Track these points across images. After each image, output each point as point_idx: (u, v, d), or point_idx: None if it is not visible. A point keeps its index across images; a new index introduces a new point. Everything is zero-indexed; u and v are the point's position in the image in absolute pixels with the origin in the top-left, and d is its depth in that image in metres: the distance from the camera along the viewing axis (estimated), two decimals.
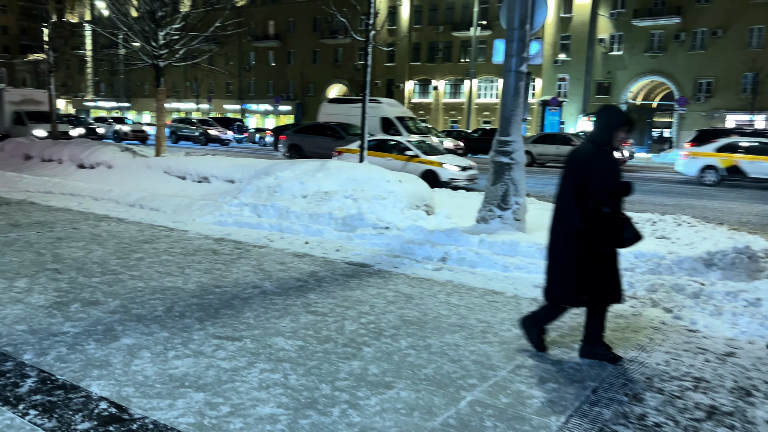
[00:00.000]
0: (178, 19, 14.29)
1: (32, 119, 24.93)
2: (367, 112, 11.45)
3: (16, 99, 26.06)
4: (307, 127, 22.96)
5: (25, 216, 9.00)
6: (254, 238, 7.96)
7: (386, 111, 22.67)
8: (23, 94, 26.79)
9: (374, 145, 15.29)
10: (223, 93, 64.04)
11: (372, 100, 23.70)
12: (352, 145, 15.73)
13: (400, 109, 24.35)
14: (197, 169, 11.83)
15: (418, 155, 14.91)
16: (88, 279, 5.63)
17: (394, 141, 15.96)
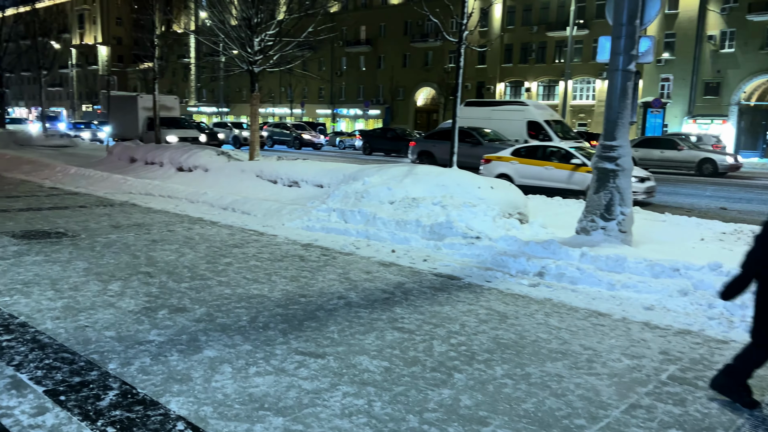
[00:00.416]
0: (273, 26, 14.56)
1: (164, 125, 24.81)
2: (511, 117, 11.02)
3: (149, 105, 26.04)
4: (439, 132, 21.07)
5: (125, 217, 9.36)
6: (341, 245, 7.80)
7: (533, 114, 20.72)
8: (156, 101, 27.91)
9: (526, 152, 14.11)
10: (316, 98, 65.61)
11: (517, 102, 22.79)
12: (504, 152, 14.66)
13: (547, 112, 22.06)
14: (288, 174, 11.92)
15: (585, 164, 12.66)
16: (177, 284, 5.65)
17: (555, 147, 14.13)
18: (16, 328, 4.23)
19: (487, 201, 8.74)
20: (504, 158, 14.35)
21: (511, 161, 14.22)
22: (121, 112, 27.40)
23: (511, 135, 20.07)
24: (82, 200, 11.13)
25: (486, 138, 19.11)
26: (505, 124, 20.66)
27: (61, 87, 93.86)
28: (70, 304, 4.87)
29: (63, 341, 4.03)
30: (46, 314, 4.57)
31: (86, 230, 8.19)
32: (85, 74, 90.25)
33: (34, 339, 4.04)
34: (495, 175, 14.04)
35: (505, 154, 14.62)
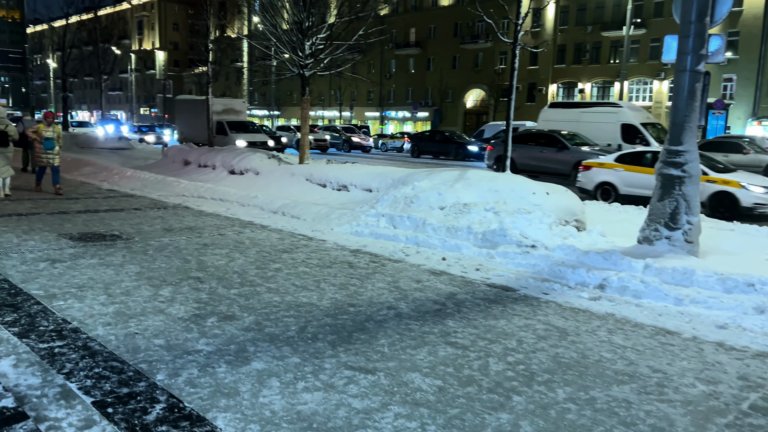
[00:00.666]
0: (324, 29, 14.57)
1: (233, 129, 24.73)
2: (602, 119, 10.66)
3: (218, 108, 25.64)
4: (520, 136, 19.54)
5: (178, 221, 9.46)
6: (390, 251, 7.64)
7: (628, 116, 19.23)
8: (225, 104, 26.53)
9: (631, 159, 13.05)
10: (364, 100, 65.88)
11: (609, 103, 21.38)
12: (606, 158, 13.64)
13: (643, 114, 20.54)
14: (337, 177, 11.86)
15: (705, 172, 11.15)
16: (227, 290, 5.60)
17: None
18: (68, 333, 4.24)
19: (543, 207, 8.42)
20: (607, 165, 13.23)
21: (616, 168, 13.08)
22: (189, 116, 26.94)
23: (602, 139, 18.70)
24: (137, 203, 11.36)
25: (572, 142, 17.62)
26: (595, 128, 19.15)
27: (121, 91, 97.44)
28: (122, 309, 4.87)
29: (113, 349, 4.00)
30: (97, 320, 4.58)
31: (140, 233, 8.31)
32: (143, 78, 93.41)
33: (86, 346, 4.03)
34: (596, 183, 13.31)
35: (607, 160, 13.49)
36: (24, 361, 3.73)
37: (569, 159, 16.85)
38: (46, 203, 10.75)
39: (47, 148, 11.97)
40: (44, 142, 11.93)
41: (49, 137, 11.96)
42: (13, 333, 4.20)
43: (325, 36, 14.51)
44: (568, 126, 19.37)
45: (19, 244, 7.20)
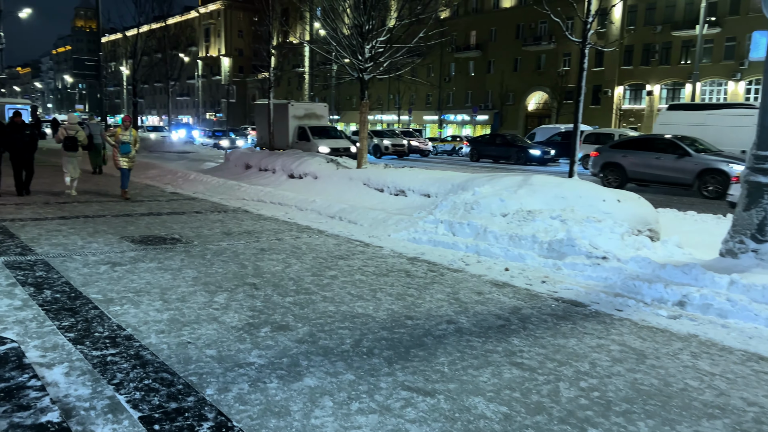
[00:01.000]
0: (384, 33, 14.41)
1: (315, 134, 23.41)
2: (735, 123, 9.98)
3: (299, 113, 24.70)
4: (632, 141, 17.96)
5: (237, 225, 9.48)
6: (449, 260, 7.34)
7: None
8: (306, 108, 25.14)
9: None
10: (423, 104, 65.60)
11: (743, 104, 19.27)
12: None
13: None
14: (395, 182, 11.65)
15: None
16: (282, 298, 5.46)
17: None
18: (122, 341, 4.18)
19: (614, 215, 7.92)
20: None
21: None
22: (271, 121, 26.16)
23: (734, 145, 16.65)
24: (199, 206, 11.50)
25: (694, 148, 15.97)
26: (726, 132, 17.30)
27: (188, 96, 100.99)
28: (176, 316, 4.80)
29: (164, 358, 3.90)
30: (151, 327, 4.51)
31: (199, 237, 8.34)
32: (209, 84, 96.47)
33: (138, 355, 3.94)
34: None
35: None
36: (76, 369, 3.67)
37: (692, 167, 15.29)
38: (113, 205, 11.03)
39: (123, 152, 11.94)
40: (121, 147, 11.93)
41: (126, 141, 11.95)
42: (69, 339, 4.17)
43: (385, 39, 14.35)
44: (692, 130, 17.46)
45: (83, 246, 7.33)
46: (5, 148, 11.67)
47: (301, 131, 23.86)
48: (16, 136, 11.62)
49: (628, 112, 49.72)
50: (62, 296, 5.19)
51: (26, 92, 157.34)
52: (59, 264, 6.33)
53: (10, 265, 6.20)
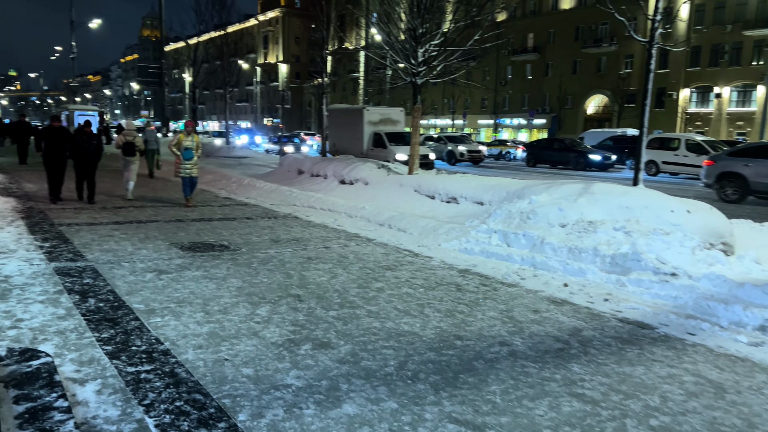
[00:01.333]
0: (438, 36, 14.11)
1: (392, 141, 21.72)
2: None
3: (375, 119, 23.00)
4: (757, 148, 15.87)
5: (285, 231, 9.37)
6: (503, 273, 6.96)
7: None
8: (382, 113, 23.54)
9: None
10: (478, 108, 64.74)
11: None
12: None
13: None
14: (446, 189, 11.31)
15: None
16: (325, 312, 5.24)
17: None
18: (158, 356, 4.04)
19: (684, 227, 7.34)
20: None
21: None
22: (342, 127, 24.21)
23: None
24: (250, 211, 11.49)
25: None
26: None
27: (247, 102, 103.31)
28: (216, 330, 4.64)
29: (199, 377, 3.73)
30: (190, 341, 4.36)
31: (247, 244, 8.25)
32: (267, 90, 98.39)
33: (172, 372, 3.79)
34: None
35: None
36: (108, 387, 3.53)
37: None
38: (166, 210, 11.15)
39: (186, 158, 11.61)
40: (184, 153, 11.61)
41: (189, 147, 11.62)
42: (106, 352, 4.06)
43: (439, 42, 14.05)
44: None
45: (132, 252, 7.35)
46: (71, 156, 11.72)
47: (376, 138, 22.37)
48: (82, 145, 11.62)
49: (695, 116, 47.50)
50: (105, 305, 5.13)
51: (96, 99, 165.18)
52: (107, 271, 6.33)
53: (60, 271, 6.23)
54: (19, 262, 6.54)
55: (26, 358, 3.50)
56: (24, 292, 5.40)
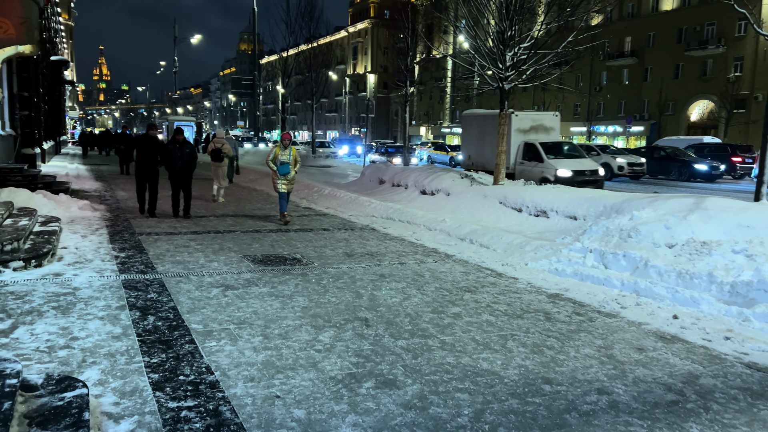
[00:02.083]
0: (528, 38, 13.30)
1: (549, 152, 18.00)
2: None
3: (525, 126, 19.36)
4: None
5: (361, 245, 8.94)
6: (600, 300, 6.13)
7: None
8: (534, 119, 19.91)
9: None
10: (571, 115, 62.19)
11: None
12: None
13: None
14: (535, 201, 10.48)
15: None
16: (393, 340, 4.70)
17: None
18: (205, 389, 3.66)
19: None
20: None
21: None
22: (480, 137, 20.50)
23: None
24: (328, 222, 11.19)
25: None
26: None
27: (336, 113, 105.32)
28: (272, 358, 4.22)
29: (244, 419, 3.29)
30: (242, 371, 3.96)
31: (321, 257, 7.88)
32: (355, 100, 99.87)
33: (216, 410, 3.38)
34: None
35: None
36: (144, 426, 3.17)
37: None
38: (244, 221, 11.06)
39: (282, 173, 10.66)
40: (279, 168, 10.62)
41: (285, 161, 10.66)
42: (151, 381, 3.72)
43: (529, 45, 13.24)
44: None
45: (203, 265, 7.16)
46: (165, 166, 11.04)
47: (528, 148, 18.33)
48: (175, 154, 10.81)
49: None
50: (163, 324, 4.86)
51: (197, 111, 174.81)
52: (173, 285, 6.12)
53: (127, 284, 6.09)
54: (92, 273, 6.49)
55: (61, 388, 3.20)
56: (87, 307, 5.25)
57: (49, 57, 29.99)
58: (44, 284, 5.92)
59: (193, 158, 11.05)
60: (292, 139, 11.07)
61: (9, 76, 17.17)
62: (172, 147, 10.90)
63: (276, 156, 10.71)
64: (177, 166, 10.82)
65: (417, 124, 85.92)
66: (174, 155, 10.81)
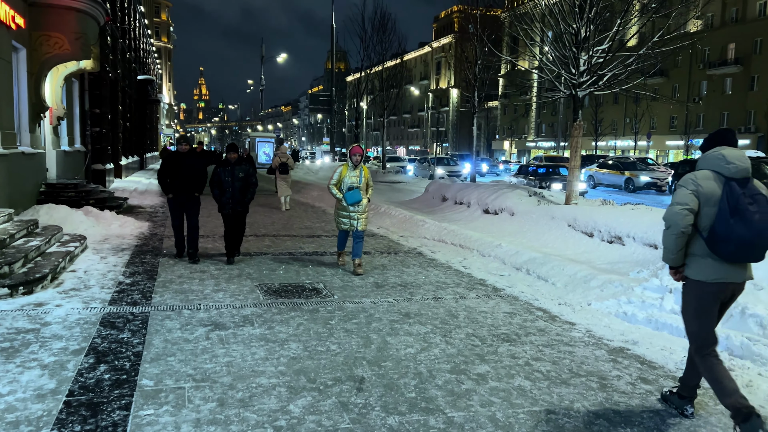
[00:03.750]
0: (607, 39, 11.78)
1: None
2: None
3: None
4: None
5: (398, 273, 7.84)
6: (677, 360, 4.71)
7: None
8: None
9: None
10: (666, 128, 58.01)
11: None
12: None
13: None
14: (609, 225, 8.97)
15: None
16: (385, 416, 3.59)
17: None
18: None
19: None
20: None
21: None
22: None
23: None
24: (372, 245, 10.17)
25: None
26: None
27: (418, 128, 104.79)
28: None
29: None
30: None
31: (345, 288, 6.88)
32: (437, 116, 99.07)
33: None
34: None
35: None
36: None
37: None
38: (283, 241, 10.26)
39: (350, 201, 7.60)
40: (347, 195, 7.58)
41: (354, 185, 7.64)
42: None
43: (607, 47, 11.70)
44: None
45: (206, 296, 6.33)
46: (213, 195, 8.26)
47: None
48: (225, 179, 8.06)
49: None
50: (110, 378, 4.00)
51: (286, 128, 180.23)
52: (157, 322, 5.31)
53: (107, 319, 5.34)
54: (78, 303, 5.81)
55: None
56: (40, 349, 4.50)
57: (133, 76, 31.22)
58: (15, 317, 5.27)
59: (247, 184, 8.22)
60: (363, 153, 7.92)
61: (81, 93, 17.56)
62: (221, 170, 8.11)
63: (341, 178, 7.73)
64: (226, 195, 8.10)
65: (500, 138, 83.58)
66: (223, 180, 8.07)
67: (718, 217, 3.37)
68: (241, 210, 8.31)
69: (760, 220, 3.28)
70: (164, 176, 8.21)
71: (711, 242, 3.42)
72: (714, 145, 3.65)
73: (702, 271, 3.51)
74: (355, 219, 7.76)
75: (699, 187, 3.47)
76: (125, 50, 26.72)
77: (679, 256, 3.56)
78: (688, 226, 3.47)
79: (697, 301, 3.58)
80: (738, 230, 3.30)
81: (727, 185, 3.41)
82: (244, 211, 8.43)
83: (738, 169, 3.44)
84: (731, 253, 3.37)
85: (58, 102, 13.92)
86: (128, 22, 28.09)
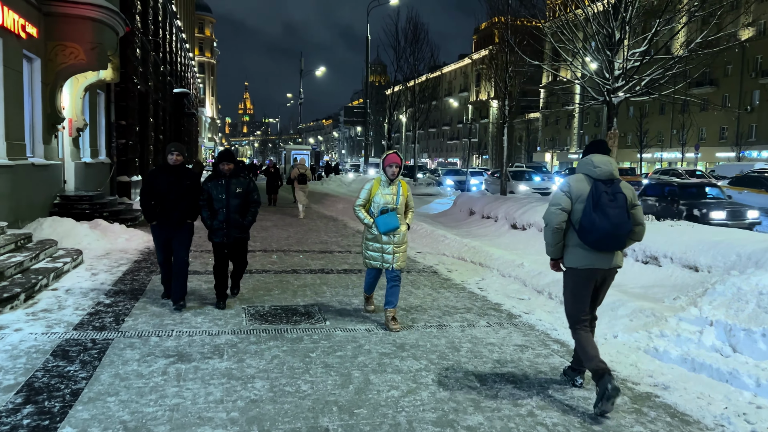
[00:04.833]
0: (644, 41, 10.88)
1: None
2: None
3: None
4: None
5: (405, 294, 7.11)
6: (717, 414, 3.86)
7: None
8: None
9: None
10: (716, 140, 55.48)
11: None
12: None
13: None
14: (642, 242, 8.04)
15: None
16: None
17: None
18: None
19: None
20: None
21: None
22: None
23: None
24: None
25: None
26: None
27: (458, 140, 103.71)
28: None
29: None
30: None
31: (341, 313, 6.22)
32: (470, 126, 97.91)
33: None
34: None
35: None
36: None
37: None
38: (291, 257, 9.67)
39: (383, 230, 5.59)
40: (378, 220, 5.61)
41: (388, 206, 5.63)
42: None
43: (644, 50, 10.79)
44: None
45: (184, 320, 5.77)
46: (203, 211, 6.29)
47: None
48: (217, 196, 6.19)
49: None
50: (26, 426, 3.43)
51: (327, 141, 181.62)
52: (116, 352, 4.75)
53: (61, 348, 4.81)
54: (40, 328, 5.31)
55: None
56: None
57: (168, 89, 31.50)
58: None
59: (247, 203, 6.33)
60: (401, 164, 5.72)
61: (107, 104, 17.53)
62: (212, 185, 6.21)
63: (370, 197, 5.73)
64: (219, 217, 6.20)
65: (542, 150, 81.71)
66: (215, 198, 6.19)
67: (584, 212, 3.93)
68: (238, 237, 6.32)
69: (615, 215, 3.88)
70: (147, 197, 6.17)
71: (580, 233, 3.99)
72: (589, 153, 4.15)
73: (575, 258, 4.10)
74: (390, 253, 5.62)
75: (571, 188, 4.06)
76: (158, 63, 26.89)
77: (557, 249, 4.18)
78: (561, 222, 4.07)
79: (573, 285, 4.19)
80: (599, 222, 3.88)
81: (594, 185, 3.97)
82: (244, 237, 6.43)
83: (602, 171, 4.01)
84: (595, 241, 3.94)
85: (79, 113, 13.79)
86: (162, 36, 28.31)
